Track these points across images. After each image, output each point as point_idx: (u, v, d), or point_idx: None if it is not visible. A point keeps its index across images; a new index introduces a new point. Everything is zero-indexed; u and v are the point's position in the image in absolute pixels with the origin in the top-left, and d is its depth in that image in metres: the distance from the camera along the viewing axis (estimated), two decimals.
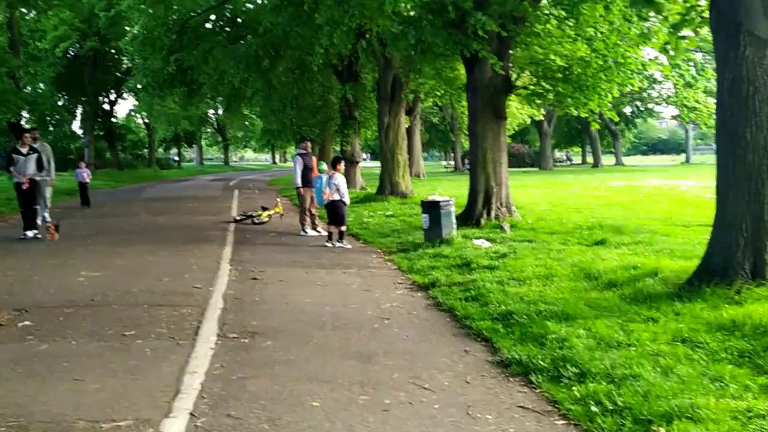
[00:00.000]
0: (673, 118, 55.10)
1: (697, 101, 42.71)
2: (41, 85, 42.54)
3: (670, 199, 20.92)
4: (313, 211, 13.88)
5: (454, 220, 11.87)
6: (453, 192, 20.49)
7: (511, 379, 4.97)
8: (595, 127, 15.78)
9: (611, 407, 4.18)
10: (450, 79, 17.53)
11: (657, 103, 51.11)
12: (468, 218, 13.76)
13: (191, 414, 4.17)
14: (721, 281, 6.69)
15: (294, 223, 14.37)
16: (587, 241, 11.41)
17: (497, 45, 13.17)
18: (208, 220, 17.01)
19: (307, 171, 13.56)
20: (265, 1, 23.41)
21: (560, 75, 13.90)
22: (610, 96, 14.12)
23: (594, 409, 4.20)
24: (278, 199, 17.12)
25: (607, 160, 67.21)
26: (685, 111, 44.43)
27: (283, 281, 8.68)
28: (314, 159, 14.26)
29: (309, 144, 14.31)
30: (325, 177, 12.27)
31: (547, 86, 14.11)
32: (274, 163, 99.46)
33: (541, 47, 13.95)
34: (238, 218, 16.24)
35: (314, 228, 13.84)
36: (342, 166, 12.51)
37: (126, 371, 5.00)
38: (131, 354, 5.45)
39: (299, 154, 13.91)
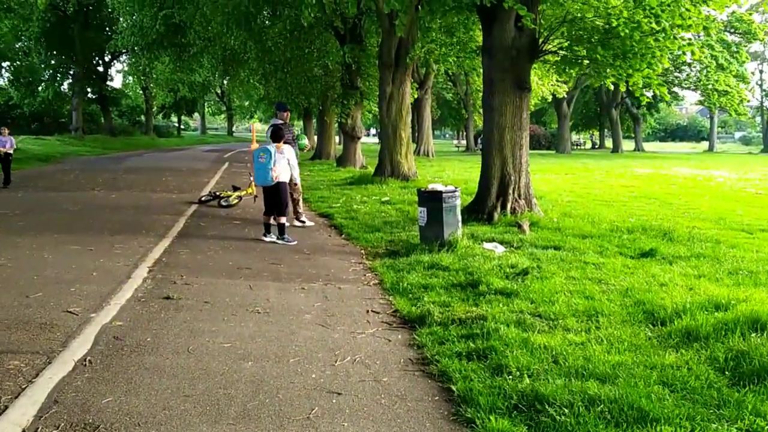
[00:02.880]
0: (699, 102, 51.85)
1: (728, 85, 39.85)
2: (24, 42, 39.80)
3: (710, 192, 18.24)
4: (296, 195, 11.17)
5: (460, 217, 9.17)
6: (463, 175, 17.86)
7: None
8: (645, 100, 13.07)
9: None
10: (464, 42, 14.67)
11: (684, 87, 47.79)
12: (478, 211, 11.13)
13: None
14: None
15: None
16: (631, 250, 8.75)
17: None
18: (171, 198, 14.43)
19: None
20: None
21: (598, 37, 11.11)
22: (660, 67, 11.39)
23: None
24: (251, 178, 14.39)
25: (626, 145, 64.09)
26: (715, 96, 41.50)
27: (208, 303, 6.04)
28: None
29: (287, 114, 11.45)
30: (272, 149, 9.51)
31: (582, 51, 11.35)
32: None
33: (576, 1, 11.18)
34: (203, 198, 13.69)
35: (297, 217, 11.23)
36: (284, 142, 9.91)
37: None
38: None
39: (274, 125, 11.11)
